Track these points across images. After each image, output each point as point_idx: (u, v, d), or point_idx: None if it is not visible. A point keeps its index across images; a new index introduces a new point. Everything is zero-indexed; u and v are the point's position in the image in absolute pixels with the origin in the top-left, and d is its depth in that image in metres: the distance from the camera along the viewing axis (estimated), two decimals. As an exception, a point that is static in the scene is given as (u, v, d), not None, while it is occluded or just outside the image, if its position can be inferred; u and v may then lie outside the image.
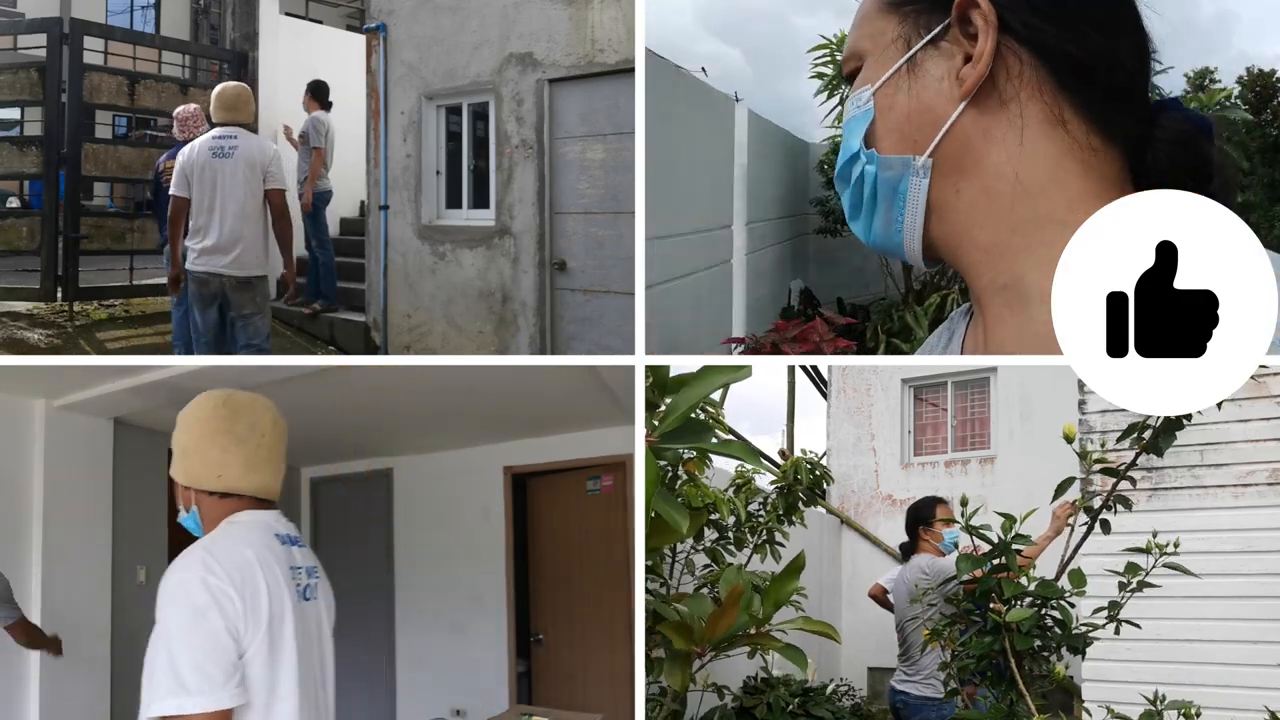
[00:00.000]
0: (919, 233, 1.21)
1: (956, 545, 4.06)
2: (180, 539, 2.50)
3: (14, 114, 7.71)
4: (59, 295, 6.73)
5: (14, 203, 10.16)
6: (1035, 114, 1.11)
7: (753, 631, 1.75)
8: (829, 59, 7.15)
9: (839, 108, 7.48)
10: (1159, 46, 1.17)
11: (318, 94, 7.06)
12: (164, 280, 7.20)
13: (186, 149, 4.49)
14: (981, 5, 1.10)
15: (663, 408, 1.41)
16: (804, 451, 4.77)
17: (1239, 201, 1.19)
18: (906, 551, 4.50)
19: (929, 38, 1.15)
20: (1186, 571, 2.43)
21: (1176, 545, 2.44)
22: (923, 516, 4.34)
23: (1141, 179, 1.16)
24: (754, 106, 6.70)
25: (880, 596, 5.60)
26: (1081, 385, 4.99)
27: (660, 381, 1.43)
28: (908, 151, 1.17)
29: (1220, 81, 10.70)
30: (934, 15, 1.15)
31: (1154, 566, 2.46)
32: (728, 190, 6.31)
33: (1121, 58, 1.14)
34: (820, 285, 8.29)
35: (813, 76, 7.33)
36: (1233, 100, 7.41)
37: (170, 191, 4.49)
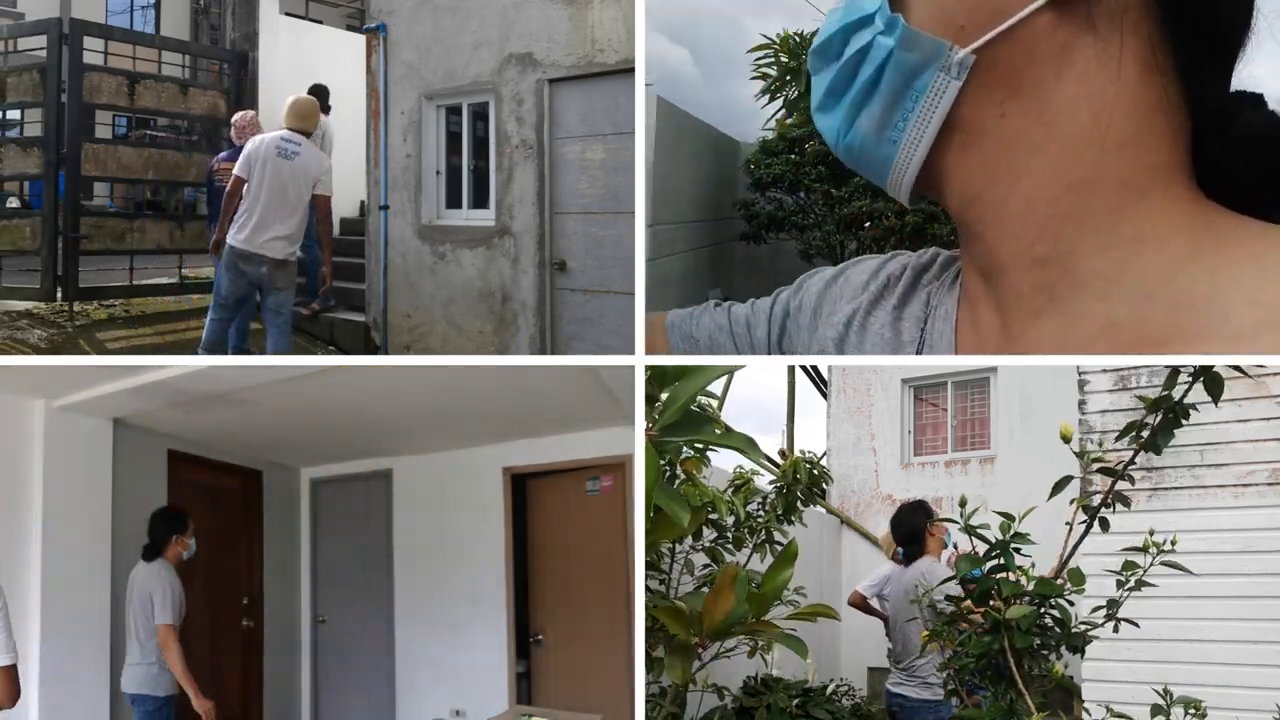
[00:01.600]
0: (922, 152, 0.89)
1: (957, 546, 4.16)
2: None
3: (14, 113, 7.72)
4: (59, 295, 6.73)
5: (14, 203, 10.15)
6: (1134, 51, 0.82)
7: (752, 620, 1.74)
8: (773, 60, 6.98)
9: (781, 110, 7.25)
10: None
11: (316, 98, 7.08)
12: (164, 280, 7.28)
13: (256, 140, 5.07)
14: None
15: (660, 401, 1.41)
16: (803, 452, 4.77)
17: None
18: (911, 557, 4.52)
19: None
20: (1184, 569, 2.43)
21: (1173, 543, 2.44)
22: (928, 514, 4.43)
23: (1202, 171, 0.89)
24: (701, 110, 6.41)
25: (861, 604, 5.57)
26: (1081, 385, 4.99)
27: (658, 374, 1.42)
28: (946, 36, 0.85)
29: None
30: None
31: (1151, 565, 2.46)
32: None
33: (1236, 23, 0.86)
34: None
35: (755, 77, 7.16)
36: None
37: (234, 171, 5.04)
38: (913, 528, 4.44)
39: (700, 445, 2.96)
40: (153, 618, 4.33)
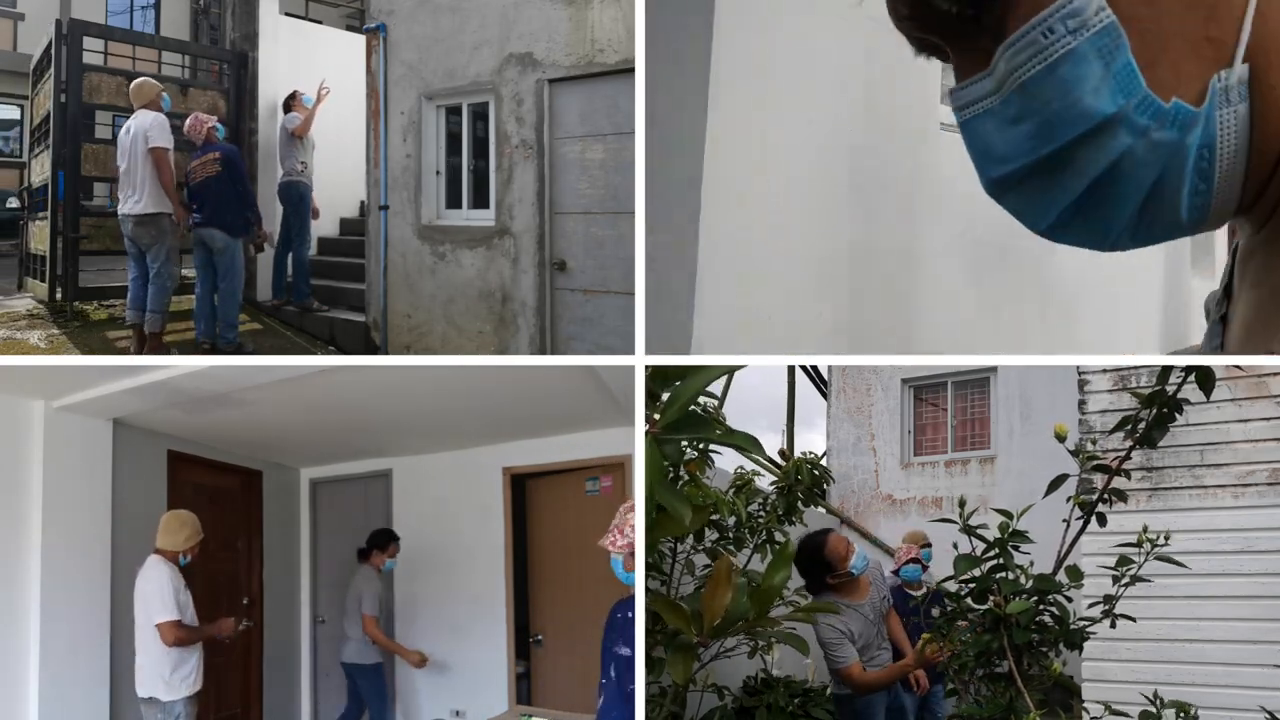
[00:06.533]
0: (1236, 191, 0.67)
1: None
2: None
3: (14, 114, 7.71)
4: (59, 295, 6.73)
5: (14, 204, 10.16)
6: None
7: (753, 618, 1.74)
8: None
9: None
10: None
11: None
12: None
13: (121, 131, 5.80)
14: None
15: (662, 400, 1.41)
16: (805, 454, 4.77)
17: None
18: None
19: None
20: (1177, 564, 2.44)
21: (1167, 538, 2.45)
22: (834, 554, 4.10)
23: None
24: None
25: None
26: (1081, 385, 4.99)
27: (661, 372, 1.42)
28: (1205, 72, 0.63)
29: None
30: None
31: (1146, 559, 2.47)
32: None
33: None
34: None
35: None
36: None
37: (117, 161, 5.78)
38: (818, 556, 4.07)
39: (703, 445, 2.96)
40: (360, 609, 5.84)
